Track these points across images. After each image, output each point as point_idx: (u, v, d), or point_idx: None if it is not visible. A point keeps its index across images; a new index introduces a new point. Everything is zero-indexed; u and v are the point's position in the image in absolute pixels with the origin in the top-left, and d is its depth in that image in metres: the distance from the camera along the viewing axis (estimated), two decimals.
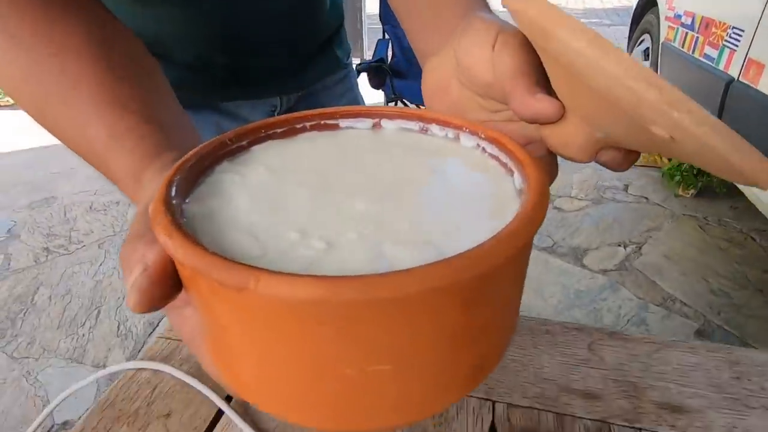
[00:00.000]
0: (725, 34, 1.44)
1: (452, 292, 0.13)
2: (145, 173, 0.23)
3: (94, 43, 0.26)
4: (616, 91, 0.14)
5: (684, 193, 2.09)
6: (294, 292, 0.12)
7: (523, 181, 0.18)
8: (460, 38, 0.22)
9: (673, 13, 1.96)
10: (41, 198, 2.33)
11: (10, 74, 0.27)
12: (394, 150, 0.22)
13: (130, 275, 0.17)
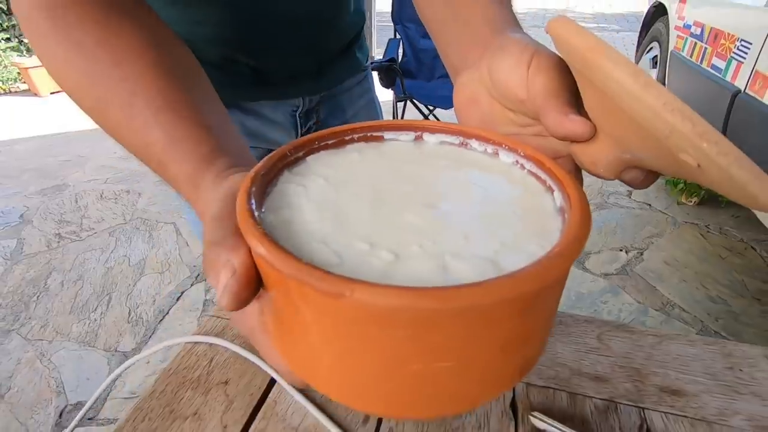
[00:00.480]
0: (733, 46, 1.46)
1: (514, 303, 0.15)
2: (203, 179, 0.25)
3: (150, 52, 0.29)
4: (652, 121, 0.16)
5: (687, 201, 2.11)
6: (385, 302, 0.14)
7: (564, 200, 0.19)
8: (496, 57, 0.24)
9: (683, 23, 1.98)
10: (52, 185, 2.37)
11: (74, 79, 0.29)
12: (437, 162, 0.24)
13: (218, 279, 0.19)
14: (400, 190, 0.21)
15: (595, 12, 9.83)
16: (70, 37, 0.28)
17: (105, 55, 0.28)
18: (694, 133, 0.15)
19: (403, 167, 0.23)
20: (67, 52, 0.28)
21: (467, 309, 0.14)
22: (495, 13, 0.29)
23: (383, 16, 6.20)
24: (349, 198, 0.20)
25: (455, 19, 0.31)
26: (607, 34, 7.14)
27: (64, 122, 3.31)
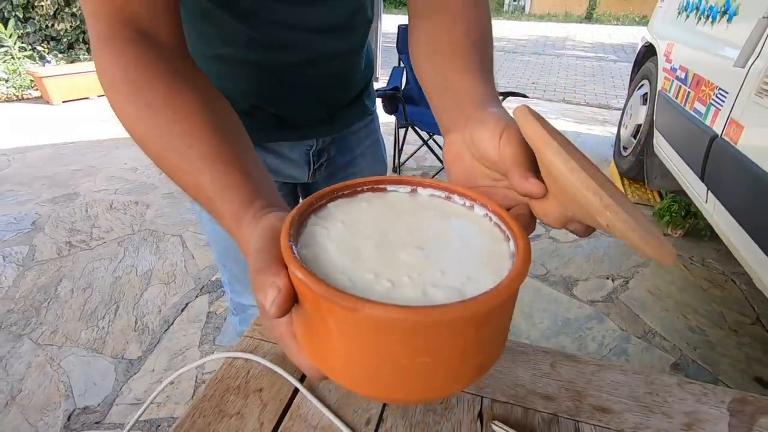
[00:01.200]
0: (712, 93, 1.57)
1: (469, 319, 0.22)
2: (244, 217, 0.32)
3: (203, 112, 0.36)
4: (577, 193, 0.24)
5: (672, 232, 2.21)
6: (385, 315, 0.21)
7: (515, 248, 0.26)
8: (477, 127, 0.32)
9: (670, 66, 2.10)
10: (64, 194, 2.45)
11: (142, 132, 0.36)
12: (427, 212, 0.31)
13: (266, 295, 0.25)
14: (398, 234, 0.28)
15: (594, 42, 10.08)
16: (142, 100, 0.36)
17: (169, 114, 0.35)
18: (601, 205, 0.24)
19: (401, 215, 0.30)
20: (139, 110, 0.36)
21: (438, 322, 0.21)
22: (479, 90, 0.37)
23: (387, 37, 6.40)
24: (360, 239, 0.27)
25: (447, 91, 0.39)
26: (604, 64, 7.35)
27: (76, 131, 3.41)
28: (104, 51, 0.37)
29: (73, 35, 5.75)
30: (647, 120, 2.42)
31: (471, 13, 0.45)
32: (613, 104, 4.89)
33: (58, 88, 4.08)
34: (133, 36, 0.38)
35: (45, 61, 5.18)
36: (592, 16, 16.79)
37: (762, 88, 1.24)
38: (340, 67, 0.63)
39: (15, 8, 5.63)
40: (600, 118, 4.36)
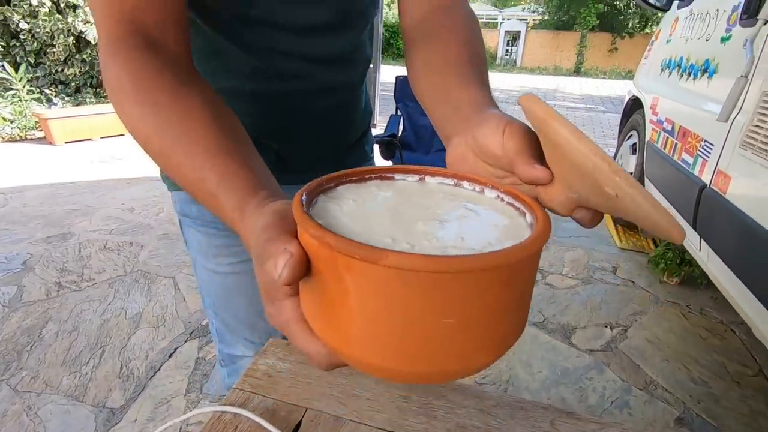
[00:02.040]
0: (699, 145, 1.63)
1: (496, 271, 0.20)
2: (247, 207, 0.31)
3: (208, 111, 0.37)
4: (585, 162, 0.23)
5: (668, 280, 2.20)
6: (408, 263, 0.19)
7: (533, 217, 0.26)
8: (479, 126, 0.32)
9: (657, 118, 2.18)
10: (58, 233, 2.44)
11: (146, 131, 0.37)
12: (437, 195, 0.30)
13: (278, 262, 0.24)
14: (410, 210, 0.27)
15: (583, 93, 10.53)
16: (148, 99, 0.37)
17: (174, 113, 0.36)
18: (610, 170, 0.23)
19: (412, 197, 0.30)
20: (144, 109, 0.37)
21: (464, 272, 0.20)
22: (477, 97, 0.38)
23: (385, 87, 6.67)
24: (373, 213, 0.26)
25: (446, 102, 0.40)
26: (593, 115, 7.63)
27: (76, 171, 3.44)
28: (112, 55, 0.38)
29: (81, 79, 5.95)
30: (637, 169, 2.49)
31: (464, 35, 0.48)
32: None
33: (62, 129, 4.16)
34: (140, 42, 0.39)
35: (52, 103, 5.33)
36: (580, 70, 17.63)
37: (745, 141, 1.29)
38: (340, 101, 0.65)
39: (27, 54, 5.86)
40: None
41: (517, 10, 23.91)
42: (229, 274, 0.69)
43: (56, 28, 5.46)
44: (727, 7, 1.61)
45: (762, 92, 1.24)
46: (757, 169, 1.21)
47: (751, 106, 1.29)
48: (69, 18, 5.36)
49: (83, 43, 5.64)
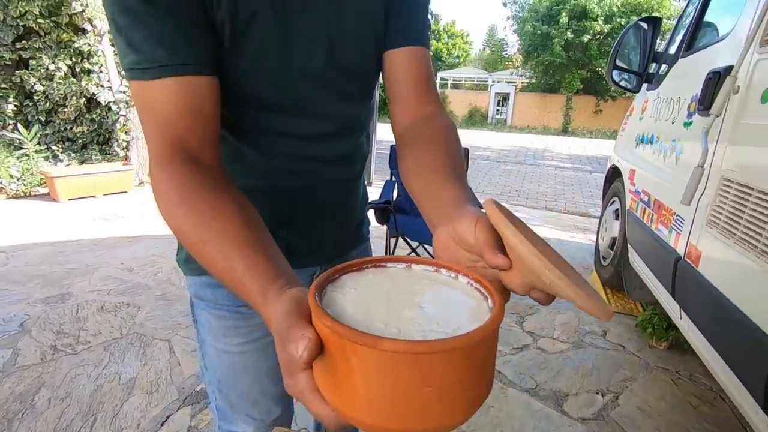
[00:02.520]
0: (672, 218, 1.74)
1: (464, 349, 0.28)
2: (269, 293, 0.39)
3: (236, 212, 0.46)
4: (526, 259, 0.33)
5: (657, 344, 2.24)
6: (397, 347, 0.27)
7: (492, 302, 0.33)
8: (458, 222, 0.41)
9: (634, 189, 2.33)
10: (57, 293, 2.46)
11: (187, 229, 0.46)
12: (422, 280, 0.38)
13: (299, 345, 0.31)
14: (400, 297, 0.35)
15: (571, 153, 10.97)
16: (189, 204, 0.47)
17: (210, 215, 0.46)
18: (543, 266, 0.32)
19: (401, 283, 0.37)
20: (186, 212, 0.46)
21: (439, 351, 0.27)
22: (456, 195, 0.48)
23: (381, 145, 6.96)
24: (370, 300, 0.34)
25: (433, 200, 0.50)
26: (581, 174, 7.93)
27: (78, 229, 3.51)
28: (161, 168, 0.49)
29: (89, 137, 6.18)
30: (621, 234, 2.60)
31: (444, 142, 0.59)
32: (592, 212, 5.20)
33: (67, 187, 4.28)
34: (184, 158, 0.50)
35: (58, 160, 5.50)
36: (567, 130, 18.45)
37: (710, 220, 1.40)
38: (341, 194, 0.75)
39: (39, 113, 6.13)
40: (581, 225, 4.61)
41: (506, 73, 25.40)
42: (237, 353, 0.76)
43: (70, 90, 5.75)
44: (687, 96, 1.80)
45: (721, 178, 1.37)
46: (722, 247, 1.32)
47: (712, 190, 1.41)
48: (83, 81, 5.67)
49: (93, 104, 5.92)
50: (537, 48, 18.48)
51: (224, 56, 0.55)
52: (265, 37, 0.55)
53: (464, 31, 31.46)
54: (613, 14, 16.42)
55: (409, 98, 0.66)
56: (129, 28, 0.49)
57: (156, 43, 0.49)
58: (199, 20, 0.51)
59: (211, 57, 0.53)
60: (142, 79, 0.50)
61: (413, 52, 0.65)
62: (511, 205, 5.39)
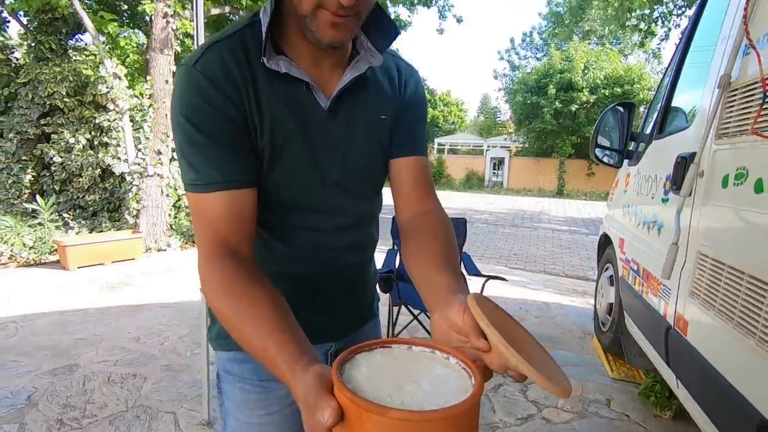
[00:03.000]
0: (660, 288, 1.84)
1: (451, 418, 0.37)
2: (296, 370, 0.48)
3: (268, 299, 0.58)
4: (497, 346, 0.44)
5: (661, 413, 2.24)
6: (402, 416, 0.36)
7: (474, 381, 0.43)
8: (449, 308, 0.52)
9: (624, 257, 2.44)
10: (64, 365, 2.49)
11: (229, 313, 0.58)
12: (420, 361, 0.48)
13: (325, 413, 0.40)
14: (403, 373, 0.45)
15: (567, 216, 11.23)
16: (231, 293, 0.59)
17: (247, 303, 0.58)
18: (509, 352, 0.43)
19: (403, 362, 0.47)
20: (229, 301, 0.59)
21: (433, 419, 0.37)
22: (450, 284, 0.59)
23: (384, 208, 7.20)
24: (379, 377, 0.44)
25: (430, 287, 0.62)
26: (577, 237, 8.09)
27: (86, 298, 3.58)
28: (209, 262, 0.63)
29: (99, 204, 6.42)
30: (617, 300, 2.68)
31: (441, 235, 0.73)
32: (590, 275, 5.27)
33: (77, 255, 4.40)
34: (227, 253, 0.63)
35: (68, 227, 5.67)
36: (562, 192, 18.95)
37: (692, 291, 1.51)
38: (355, 275, 0.87)
39: (54, 183, 6.41)
40: (579, 289, 4.67)
41: (500, 139, 26.55)
42: (257, 424, 0.84)
43: (86, 161, 6.08)
44: (662, 175, 1.98)
45: (697, 252, 1.50)
46: (705, 317, 1.41)
47: (691, 264, 1.54)
48: (99, 153, 6.01)
49: (107, 174, 6.23)
50: (528, 116, 19.51)
51: (262, 172, 0.70)
52: (295, 157, 0.71)
53: (459, 100, 33.32)
54: (597, 86, 17.56)
55: (410, 197, 0.81)
56: (191, 155, 0.64)
57: (211, 166, 0.64)
58: (246, 148, 0.67)
59: (252, 174, 0.68)
60: (199, 192, 0.64)
61: (414, 161, 0.81)
62: (509, 268, 5.47)
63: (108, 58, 5.31)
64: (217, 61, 0.64)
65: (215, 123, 0.64)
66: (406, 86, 0.82)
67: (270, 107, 0.67)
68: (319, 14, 0.60)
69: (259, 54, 0.65)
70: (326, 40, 0.62)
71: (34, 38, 6.14)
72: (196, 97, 0.63)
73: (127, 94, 5.37)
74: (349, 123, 0.74)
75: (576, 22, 17.22)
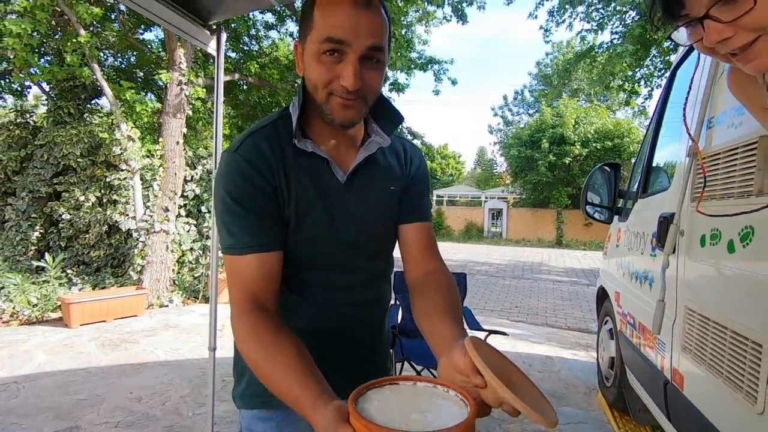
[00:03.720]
0: (656, 342, 1.89)
1: None
2: (317, 406, 0.57)
3: (293, 347, 0.67)
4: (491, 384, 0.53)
5: None
6: None
7: (469, 409, 0.50)
8: (453, 353, 0.61)
9: (621, 311, 2.50)
10: (65, 427, 2.47)
11: (260, 362, 0.68)
12: (423, 394, 0.56)
13: None
14: (409, 404, 0.53)
15: (567, 266, 11.24)
16: (260, 341, 0.69)
17: (274, 350, 0.68)
18: (500, 388, 0.52)
19: (409, 396, 0.55)
20: (258, 350, 0.69)
21: None
22: (454, 333, 0.69)
23: None
24: (389, 408, 0.52)
25: (437, 337, 0.72)
26: (578, 288, 8.08)
27: (88, 357, 3.56)
28: (241, 315, 0.74)
29: (103, 260, 6.49)
30: (618, 354, 2.69)
31: (446, 292, 0.83)
32: (592, 328, 5.24)
33: (80, 312, 4.42)
34: (256, 307, 0.74)
35: (72, 283, 5.71)
36: (561, 242, 19.05)
37: (684, 346, 1.57)
38: (370, 333, 0.95)
39: (61, 239, 6.53)
40: (583, 342, 4.64)
41: (498, 190, 27.08)
42: None
43: (94, 218, 6.23)
44: (649, 232, 2.10)
45: (685, 308, 1.58)
46: (698, 372, 1.46)
47: (680, 319, 1.61)
48: (108, 210, 6.18)
49: (114, 230, 6.36)
50: (524, 168, 20.07)
51: (288, 236, 0.82)
52: (317, 223, 0.83)
53: (456, 153, 34.37)
54: (589, 140, 18.24)
55: (417, 257, 0.91)
56: (230, 223, 0.77)
57: (246, 233, 0.77)
58: (275, 216, 0.80)
59: (280, 238, 0.80)
60: (235, 255, 0.77)
61: (420, 226, 0.93)
62: (512, 321, 5.45)
63: (123, 122, 5.63)
64: (253, 146, 0.79)
65: (251, 196, 0.77)
66: (411, 163, 0.96)
67: (296, 181, 0.81)
68: (331, 100, 0.74)
69: (289, 138, 0.81)
70: (339, 119, 0.76)
71: (54, 104, 6.51)
72: (237, 176, 0.77)
73: (140, 155, 5.63)
74: (362, 193, 0.87)
75: (564, 83, 18.17)
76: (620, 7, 8.05)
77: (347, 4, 0.70)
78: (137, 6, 1.63)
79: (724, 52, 0.55)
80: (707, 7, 0.51)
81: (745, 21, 0.50)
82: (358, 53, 0.71)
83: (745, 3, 0.49)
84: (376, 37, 0.72)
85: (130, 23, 7.27)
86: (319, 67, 0.72)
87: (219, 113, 2.12)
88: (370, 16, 0.71)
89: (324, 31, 0.70)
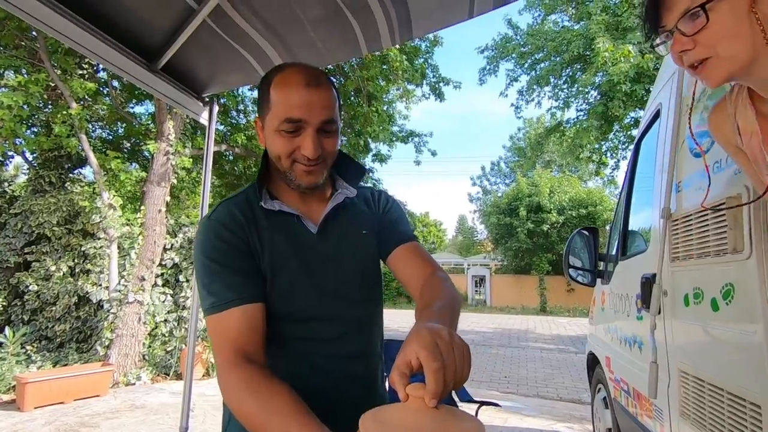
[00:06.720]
0: (652, 408, 1.83)
1: None
2: None
3: (286, 395, 0.66)
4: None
5: None
6: None
7: None
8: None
9: (613, 377, 2.44)
10: None
11: (253, 411, 0.66)
12: None
13: None
14: None
15: (553, 334, 11.08)
16: (254, 391, 0.68)
17: (268, 397, 0.67)
18: None
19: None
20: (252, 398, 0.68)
21: None
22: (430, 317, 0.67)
23: None
24: None
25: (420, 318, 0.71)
26: (566, 356, 7.90)
27: None
28: (229, 368, 0.73)
29: (68, 335, 6.08)
30: (614, 424, 2.57)
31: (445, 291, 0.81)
32: (584, 398, 5.05)
33: (37, 393, 4.04)
34: (244, 360, 0.73)
35: (30, 361, 5.27)
36: (545, 309, 18.93)
37: (682, 411, 1.52)
38: (364, 390, 0.91)
39: (24, 312, 6.15)
40: (576, 414, 4.44)
41: (480, 257, 27.29)
42: None
43: (64, 289, 5.94)
44: (632, 293, 2.11)
45: (678, 370, 1.55)
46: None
47: (675, 382, 1.58)
48: (80, 281, 5.92)
49: (83, 302, 6.05)
50: (504, 236, 20.44)
51: (267, 289, 0.82)
52: (292, 273, 0.84)
53: (437, 221, 34.99)
54: (564, 207, 18.92)
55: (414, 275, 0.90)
56: (210, 283, 0.78)
57: (227, 289, 0.78)
58: (253, 271, 0.82)
59: (260, 291, 0.81)
60: (219, 312, 0.76)
61: (404, 247, 0.94)
62: (502, 393, 5.22)
63: (105, 191, 5.60)
64: (226, 212, 0.85)
65: (228, 254, 0.81)
66: (380, 201, 1.01)
67: (268, 237, 0.85)
68: (295, 167, 0.82)
69: (258, 202, 0.86)
70: (305, 184, 0.83)
71: (36, 173, 6.49)
72: (213, 238, 0.81)
73: (119, 223, 5.54)
74: (336, 238, 0.90)
75: (537, 155, 19.23)
76: (582, 88, 8.82)
77: (301, 85, 0.79)
78: (137, 80, 1.71)
79: (686, 63, 0.63)
80: (676, 20, 0.61)
81: (702, 36, 0.59)
82: (315, 127, 0.80)
83: (701, 19, 0.58)
84: (328, 111, 0.80)
85: (122, 98, 7.53)
86: (281, 140, 0.80)
87: (207, 180, 2.15)
88: (321, 93, 0.80)
89: (282, 112, 0.79)
